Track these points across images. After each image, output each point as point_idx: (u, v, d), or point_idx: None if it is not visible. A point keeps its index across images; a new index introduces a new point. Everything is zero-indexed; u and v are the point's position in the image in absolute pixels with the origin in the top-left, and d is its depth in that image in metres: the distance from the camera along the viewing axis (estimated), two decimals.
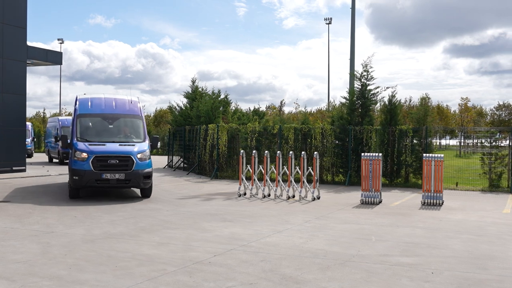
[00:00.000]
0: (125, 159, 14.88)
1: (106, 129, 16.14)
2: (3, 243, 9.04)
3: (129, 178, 14.81)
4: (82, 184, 14.77)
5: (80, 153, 14.88)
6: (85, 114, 16.29)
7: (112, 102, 16.78)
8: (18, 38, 24.22)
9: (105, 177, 14.67)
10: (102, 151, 14.87)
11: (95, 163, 14.67)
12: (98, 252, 8.45)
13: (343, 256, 8.48)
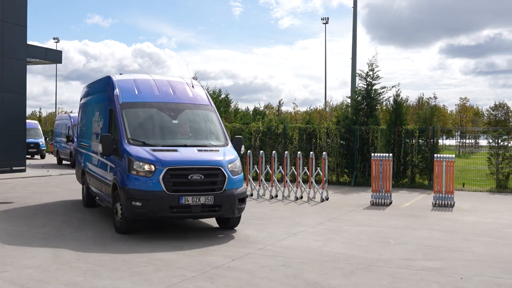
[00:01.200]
0: (212, 174, 9.84)
1: (168, 126, 10.86)
2: (12, 247, 8.74)
3: (220, 202, 9.74)
4: (150, 214, 9.52)
5: (141, 164, 9.60)
6: (133, 104, 10.87)
7: (168, 85, 11.55)
8: (18, 36, 23.85)
9: (185, 202, 9.49)
10: (178, 160, 9.71)
11: (168, 180, 9.47)
12: (112, 257, 8.16)
13: (364, 260, 8.22)
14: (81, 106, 15.19)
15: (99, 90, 12.76)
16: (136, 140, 10.19)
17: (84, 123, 14.46)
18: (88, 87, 14.68)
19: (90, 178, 12.92)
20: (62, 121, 34.09)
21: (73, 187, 18.15)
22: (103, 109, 11.98)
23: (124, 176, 9.82)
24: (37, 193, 16.50)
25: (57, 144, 33.42)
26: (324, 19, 72.90)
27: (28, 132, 35.84)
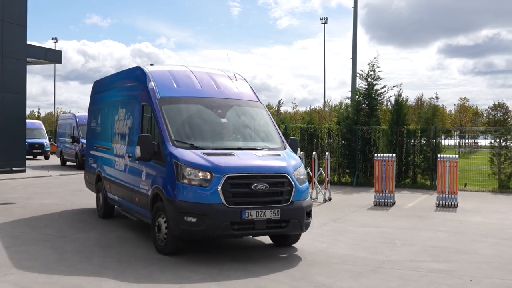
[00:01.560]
0: (278, 183, 8.19)
1: (217, 125, 9.28)
2: (15, 249, 8.65)
3: (287, 217, 8.09)
4: (208, 232, 7.79)
5: (195, 171, 7.92)
6: (173, 99, 9.20)
7: (209, 78, 9.96)
8: (18, 36, 23.75)
9: (248, 216, 7.84)
10: (238, 166, 8.06)
11: (228, 190, 7.82)
12: (117, 258, 8.07)
13: (372, 262, 8.14)
14: (94, 103, 13.50)
15: (124, 83, 11.04)
16: (182, 142, 8.48)
17: (99, 123, 12.62)
18: (104, 82, 13.06)
19: (110, 185, 11.23)
20: (66, 120, 32.39)
21: (74, 188, 18.09)
22: (131, 105, 10.21)
23: (171, 186, 8.09)
24: (38, 193, 16.40)
25: (61, 145, 32.01)
26: (323, 19, 72.90)
27: (32, 132, 35.39)
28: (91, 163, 13.15)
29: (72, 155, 29.13)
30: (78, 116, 29.81)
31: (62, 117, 34.86)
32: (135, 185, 9.60)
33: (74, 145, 28.32)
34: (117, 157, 10.85)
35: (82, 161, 26.42)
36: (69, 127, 30.59)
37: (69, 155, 29.96)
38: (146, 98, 9.42)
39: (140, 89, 9.79)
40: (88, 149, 13.78)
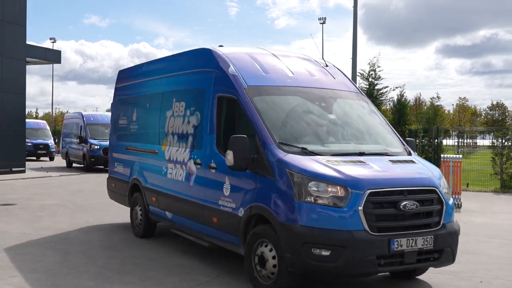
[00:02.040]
0: (428, 199, 6.31)
1: (326, 123, 7.27)
2: (18, 250, 8.55)
3: (441, 246, 6.27)
4: (346, 271, 5.87)
5: (323, 185, 5.92)
6: (264, 89, 7.20)
7: (299, 64, 8.09)
8: (18, 36, 23.63)
9: (398, 247, 5.93)
10: (382, 179, 6.17)
11: (370, 212, 5.86)
12: (121, 260, 7.97)
13: None
14: (123, 96, 11.06)
15: (180, 70, 8.73)
16: (291, 145, 6.48)
17: (134, 120, 10.19)
18: (141, 69, 10.42)
19: (158, 198, 8.93)
20: (72, 120, 29.95)
21: (74, 188, 18.00)
22: (195, 97, 7.96)
23: (290, 206, 5.98)
24: (39, 194, 16.29)
25: (67, 146, 29.78)
26: (321, 19, 72.87)
27: (36, 132, 34.88)
28: (119, 169, 10.81)
29: (79, 156, 27.31)
30: (85, 115, 28.36)
31: (68, 117, 32.31)
32: (210, 201, 7.33)
33: (82, 146, 26.68)
34: (171, 163, 8.43)
35: (90, 163, 25.77)
36: (76, 127, 28.64)
37: (75, 156, 28.11)
38: (224, 87, 7.33)
39: (212, 77, 7.63)
40: (114, 152, 11.26)
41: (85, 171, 25.29)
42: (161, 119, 9.02)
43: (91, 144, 25.76)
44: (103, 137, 26.06)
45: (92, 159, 25.70)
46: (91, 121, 27.34)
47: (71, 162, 29.07)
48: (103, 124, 27.13)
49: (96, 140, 26.04)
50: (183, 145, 8.23)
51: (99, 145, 25.58)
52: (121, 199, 10.91)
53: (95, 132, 26.62)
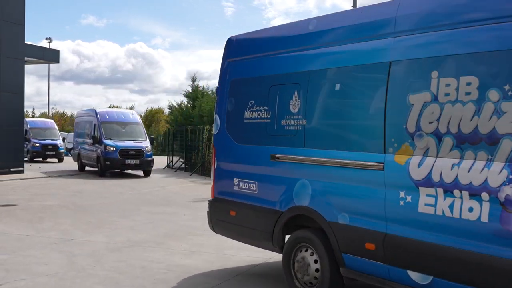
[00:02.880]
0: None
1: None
2: (22, 253, 8.35)
3: None
4: None
5: None
6: None
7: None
8: (16, 35, 23.36)
9: None
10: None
11: None
12: (129, 263, 7.79)
13: None
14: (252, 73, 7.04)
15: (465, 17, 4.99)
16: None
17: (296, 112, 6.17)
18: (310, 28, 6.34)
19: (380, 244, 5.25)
20: (84, 118, 26.71)
21: (74, 189, 17.79)
22: None
23: None
24: (39, 195, 16.08)
25: (79, 147, 26.57)
26: None
27: (44, 132, 34.43)
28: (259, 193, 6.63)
29: (93, 159, 24.30)
30: (100, 112, 25.12)
31: (81, 114, 28.13)
32: None
33: (96, 147, 23.81)
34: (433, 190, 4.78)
35: (105, 167, 23.12)
36: (89, 125, 25.51)
37: (89, 158, 25.05)
38: None
39: None
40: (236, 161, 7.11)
41: (100, 176, 23.13)
42: (394, 109, 5.15)
43: (106, 146, 23.20)
44: (119, 137, 24.03)
45: (107, 162, 23.04)
46: (106, 119, 24.47)
47: (83, 165, 25.98)
48: (119, 123, 24.87)
49: (111, 140, 23.50)
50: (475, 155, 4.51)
51: (115, 146, 23.16)
52: (253, 237, 6.89)
53: (110, 132, 24.06)
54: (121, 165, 23.35)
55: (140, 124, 25.80)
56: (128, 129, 24.81)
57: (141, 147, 23.68)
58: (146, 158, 23.59)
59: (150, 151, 24.07)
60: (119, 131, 24.30)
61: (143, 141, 24.28)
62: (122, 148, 23.18)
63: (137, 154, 23.49)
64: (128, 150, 23.30)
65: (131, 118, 25.50)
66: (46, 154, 33.78)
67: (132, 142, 23.82)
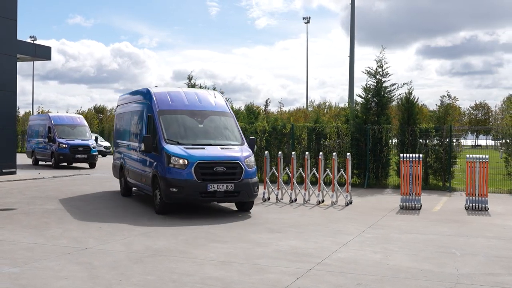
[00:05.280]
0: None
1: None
2: (36, 264, 7.57)
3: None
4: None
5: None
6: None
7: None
8: (8, 30, 22.38)
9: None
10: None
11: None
12: (158, 276, 7.05)
13: (445, 276, 7.26)
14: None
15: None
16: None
17: None
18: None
19: None
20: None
21: (73, 191, 16.95)
22: None
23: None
24: (38, 198, 15.21)
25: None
26: (305, 18, 72.64)
27: (72, 130, 29.28)
28: None
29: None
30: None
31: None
32: None
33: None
34: None
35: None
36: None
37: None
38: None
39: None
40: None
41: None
42: None
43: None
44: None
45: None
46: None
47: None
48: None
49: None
50: None
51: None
52: None
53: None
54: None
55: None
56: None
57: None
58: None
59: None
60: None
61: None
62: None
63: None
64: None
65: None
66: (75, 157, 28.09)
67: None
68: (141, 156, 13.64)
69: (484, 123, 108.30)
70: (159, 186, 12.02)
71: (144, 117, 13.61)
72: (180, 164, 11.73)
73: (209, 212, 13.07)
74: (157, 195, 12.22)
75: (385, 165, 20.45)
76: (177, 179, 11.62)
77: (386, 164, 20.50)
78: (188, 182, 11.57)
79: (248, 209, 12.87)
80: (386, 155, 20.51)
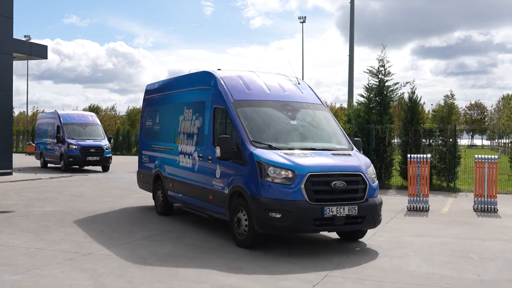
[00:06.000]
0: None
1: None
2: (38, 271, 7.20)
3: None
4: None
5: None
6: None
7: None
8: (4, 29, 21.95)
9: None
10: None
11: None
12: (168, 284, 6.69)
13: (468, 282, 6.96)
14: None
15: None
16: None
17: None
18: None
19: None
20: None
21: (72, 193, 16.58)
22: None
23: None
24: (35, 199, 14.82)
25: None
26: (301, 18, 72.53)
27: (84, 129, 26.58)
28: None
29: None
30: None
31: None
32: None
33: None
34: None
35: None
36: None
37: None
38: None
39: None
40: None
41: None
42: None
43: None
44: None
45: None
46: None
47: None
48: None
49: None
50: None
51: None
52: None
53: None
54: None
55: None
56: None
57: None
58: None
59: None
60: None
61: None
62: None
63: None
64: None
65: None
66: (86, 160, 25.38)
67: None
68: (202, 164, 10.13)
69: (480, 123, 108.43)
70: (243, 209, 8.63)
71: (207, 110, 10.17)
72: (282, 177, 8.21)
73: None
74: (241, 221, 8.72)
75: (388, 165, 20.15)
76: (280, 200, 8.11)
77: (389, 165, 20.21)
78: (297, 204, 8.05)
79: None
80: (390, 155, 20.22)
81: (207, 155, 9.94)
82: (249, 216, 8.49)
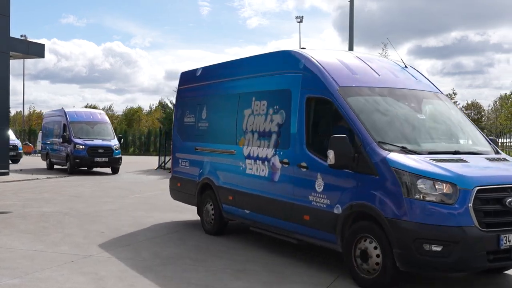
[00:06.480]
0: None
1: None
2: (37, 275, 6.95)
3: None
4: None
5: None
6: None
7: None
8: (0, 27, 21.67)
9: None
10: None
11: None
12: (172, 287, 6.46)
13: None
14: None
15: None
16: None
17: None
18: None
19: None
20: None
21: (70, 193, 16.33)
22: None
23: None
24: (33, 200, 14.56)
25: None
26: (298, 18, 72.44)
27: (92, 128, 25.11)
28: None
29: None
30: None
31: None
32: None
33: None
34: None
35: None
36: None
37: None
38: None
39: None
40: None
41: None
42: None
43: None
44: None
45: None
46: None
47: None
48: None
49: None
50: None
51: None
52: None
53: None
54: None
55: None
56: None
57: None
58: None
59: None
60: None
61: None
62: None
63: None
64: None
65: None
66: (94, 161, 23.94)
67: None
68: (290, 172, 7.71)
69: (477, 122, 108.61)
70: (373, 237, 6.38)
71: (295, 101, 7.76)
72: (439, 193, 6.01)
73: None
74: (368, 253, 6.45)
75: None
76: (440, 226, 5.90)
77: None
78: (466, 232, 5.85)
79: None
80: None
81: (298, 160, 7.50)
82: (382, 247, 6.23)
